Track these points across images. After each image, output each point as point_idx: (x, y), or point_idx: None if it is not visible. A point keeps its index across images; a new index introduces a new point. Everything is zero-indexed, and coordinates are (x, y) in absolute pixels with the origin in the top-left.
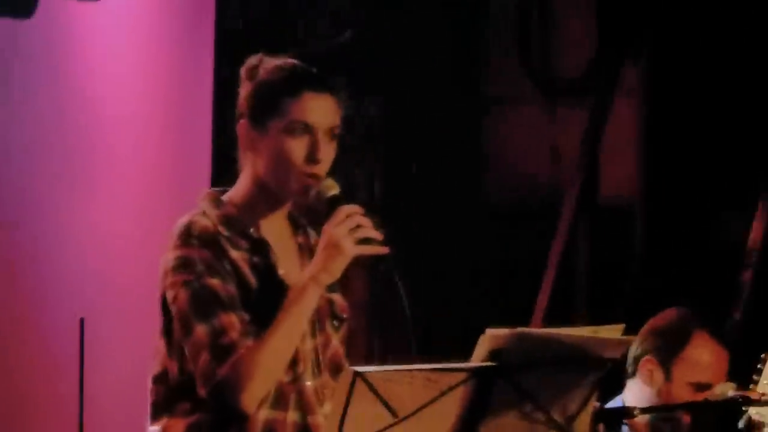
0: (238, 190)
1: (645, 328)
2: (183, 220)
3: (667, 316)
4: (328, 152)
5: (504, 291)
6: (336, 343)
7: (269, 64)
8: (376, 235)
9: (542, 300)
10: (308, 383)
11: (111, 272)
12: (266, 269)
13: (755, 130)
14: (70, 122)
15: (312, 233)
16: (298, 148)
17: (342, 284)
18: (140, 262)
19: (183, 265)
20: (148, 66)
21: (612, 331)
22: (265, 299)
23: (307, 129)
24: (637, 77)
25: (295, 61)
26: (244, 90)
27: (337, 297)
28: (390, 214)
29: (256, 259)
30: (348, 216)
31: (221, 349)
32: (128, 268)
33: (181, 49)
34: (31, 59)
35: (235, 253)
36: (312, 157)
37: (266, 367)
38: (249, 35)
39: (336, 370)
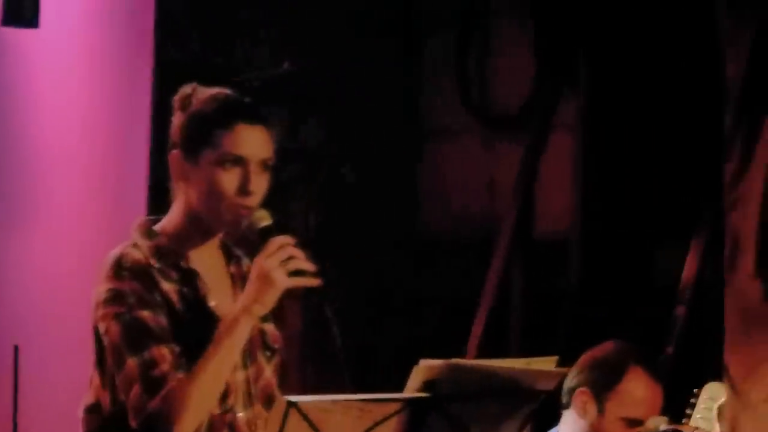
0: (171, 220)
1: (582, 360)
2: (115, 252)
3: (604, 348)
4: (260, 184)
5: (438, 322)
6: (268, 373)
7: (203, 94)
8: (309, 266)
9: (476, 331)
10: (240, 414)
11: (47, 300)
12: (197, 301)
13: (692, 167)
14: (7, 157)
15: (245, 262)
16: (229, 180)
17: (275, 315)
18: (76, 291)
19: (114, 297)
20: (86, 95)
21: (545, 363)
22: (196, 331)
23: (239, 161)
24: (574, 111)
25: (228, 91)
26: (177, 120)
27: (269, 327)
28: (325, 245)
29: (186, 290)
30: (280, 247)
31: (152, 381)
32: (64, 297)
33: (120, 78)
34: None
35: (166, 285)
36: (244, 190)
37: (198, 400)
38: (188, 66)
39: (268, 400)
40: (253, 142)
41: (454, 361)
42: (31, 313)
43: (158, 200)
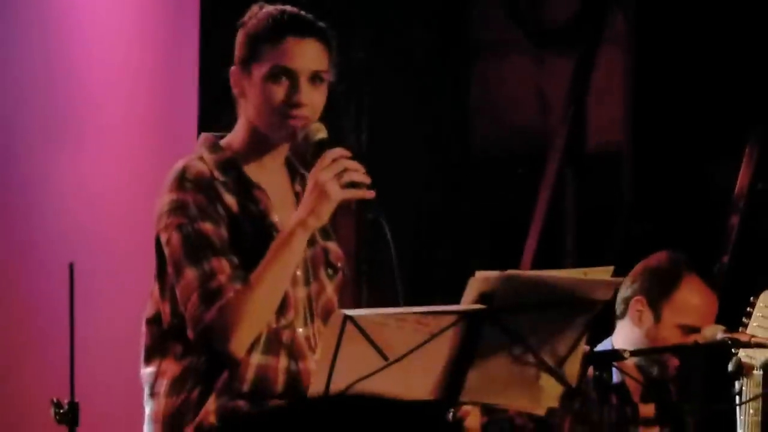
0: (235, 135)
1: (636, 269)
2: (179, 164)
3: (658, 258)
4: (312, 96)
5: (493, 236)
6: (330, 291)
7: (262, 11)
8: (364, 179)
9: (530, 245)
10: (299, 330)
11: (100, 218)
12: (259, 214)
13: (743, 76)
14: (56, 74)
15: (308, 181)
16: (279, 92)
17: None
18: (129, 207)
19: (177, 208)
20: (134, 14)
21: (601, 273)
22: (257, 244)
23: (288, 73)
24: (625, 24)
25: (286, 7)
26: (238, 37)
27: (332, 245)
28: (375, 161)
29: (249, 204)
30: (335, 159)
31: (209, 292)
32: (117, 214)
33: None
34: (16, 16)
35: (229, 198)
36: (293, 101)
37: (253, 312)
38: None
39: (329, 318)
40: (303, 54)
41: (510, 272)
42: (85, 232)
43: (209, 119)
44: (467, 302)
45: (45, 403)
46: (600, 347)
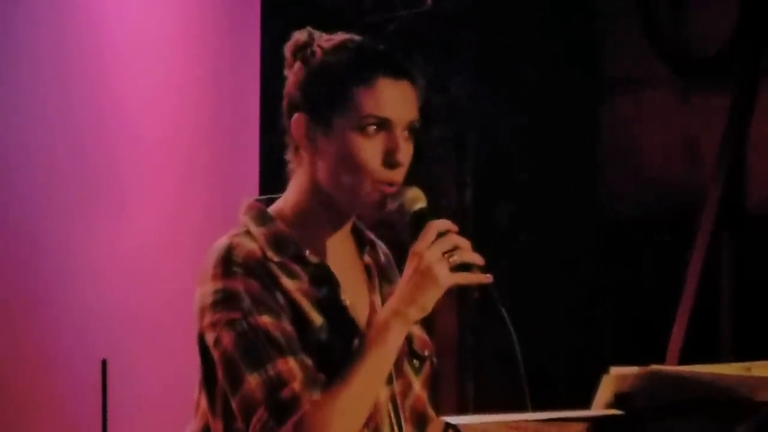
0: (290, 200)
1: None
2: (221, 243)
3: None
4: (407, 153)
5: (629, 320)
6: (417, 387)
7: (326, 42)
8: (477, 259)
9: (678, 330)
10: None
11: (138, 305)
12: (328, 300)
13: None
14: (86, 122)
15: (381, 250)
16: (373, 149)
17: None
18: (173, 292)
19: (225, 300)
20: (179, 47)
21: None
22: (331, 339)
23: (384, 125)
24: None
25: (358, 37)
26: (295, 75)
27: (416, 330)
28: (484, 227)
29: (315, 288)
30: (440, 235)
31: (281, 404)
32: (158, 301)
33: (220, 26)
34: (36, 45)
35: (289, 283)
36: (391, 160)
37: (340, 425)
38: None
39: (420, 421)
40: (399, 101)
41: (653, 367)
42: (119, 322)
43: (270, 177)
44: (600, 406)
45: None
46: None
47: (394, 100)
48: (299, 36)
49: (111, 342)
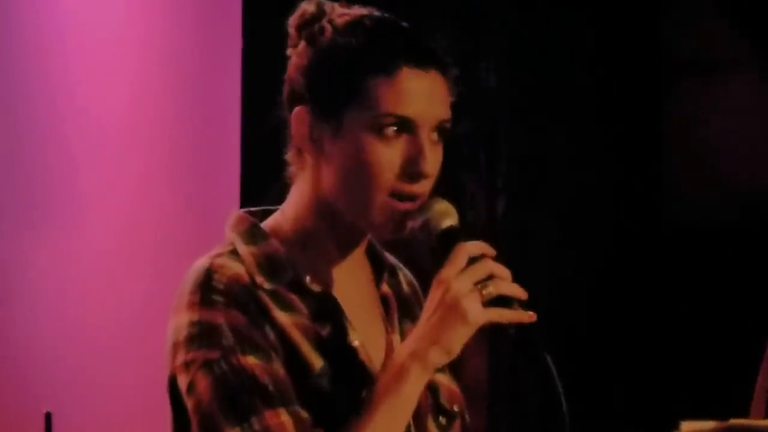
0: (289, 214)
1: None
2: (200, 265)
3: None
4: (435, 161)
5: (696, 355)
6: None
7: (339, 16)
8: (518, 292)
9: (764, 373)
10: None
11: (86, 352)
12: (333, 340)
13: None
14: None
15: (404, 277)
16: (391, 155)
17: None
18: (127, 334)
19: (202, 335)
20: (145, 40)
21: None
22: (335, 387)
23: (407, 126)
24: None
25: (377, 12)
26: (299, 57)
27: (443, 379)
28: (518, 245)
29: (316, 324)
30: (473, 260)
31: None
32: (109, 346)
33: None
34: None
35: (282, 316)
36: (413, 170)
37: None
38: None
39: None
40: (425, 95)
41: (733, 422)
42: (65, 371)
43: (252, 187)
44: None
45: None
46: None
47: (420, 95)
48: (306, 7)
49: (56, 393)
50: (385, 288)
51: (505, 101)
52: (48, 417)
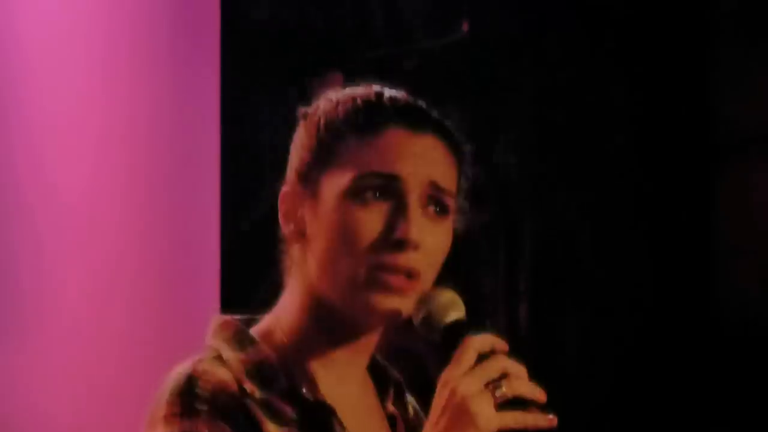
0: (282, 317)
1: None
2: (181, 371)
3: None
4: (432, 234)
5: None
6: None
7: (338, 96)
8: (536, 393)
9: None
10: None
11: None
12: None
13: None
14: None
15: (409, 401)
16: (372, 221)
17: None
18: None
19: None
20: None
21: None
22: None
23: (391, 190)
24: None
25: (378, 88)
26: (300, 136)
27: None
28: (544, 350)
29: None
30: (483, 357)
31: None
32: None
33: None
34: None
35: (275, 430)
36: (394, 237)
37: None
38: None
39: None
40: (416, 155)
41: None
42: None
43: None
44: None
45: None
46: None
47: (408, 154)
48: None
49: None
50: (391, 408)
51: (525, 186)
52: None
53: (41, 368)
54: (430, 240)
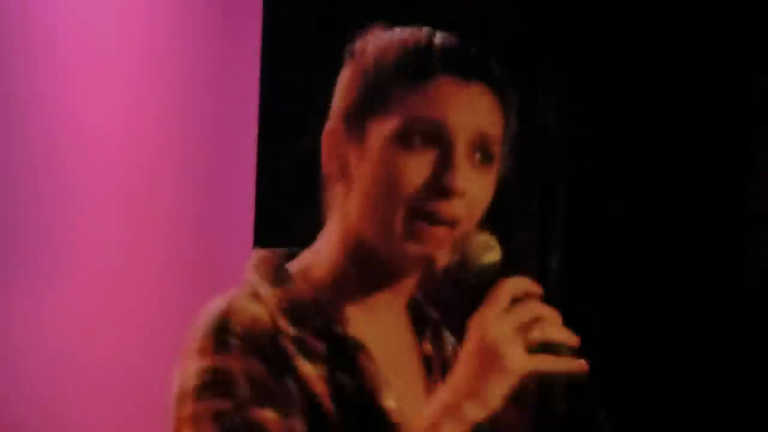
0: (318, 254)
1: None
2: (216, 307)
3: None
4: (477, 182)
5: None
6: None
7: (386, 37)
8: (569, 337)
9: None
10: None
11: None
12: (361, 395)
13: None
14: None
15: (448, 338)
16: (417, 166)
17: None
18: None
19: (214, 383)
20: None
21: None
22: None
23: (438, 135)
24: None
25: (431, 31)
26: (340, 81)
27: None
28: (577, 295)
29: (344, 376)
30: (517, 300)
31: None
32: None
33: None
34: None
35: (308, 368)
36: (442, 184)
37: None
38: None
39: None
40: (462, 103)
41: None
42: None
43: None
44: None
45: None
46: None
47: (456, 101)
48: (366, 35)
49: None
50: (427, 347)
51: (563, 147)
52: None
53: (80, 304)
54: (475, 188)
